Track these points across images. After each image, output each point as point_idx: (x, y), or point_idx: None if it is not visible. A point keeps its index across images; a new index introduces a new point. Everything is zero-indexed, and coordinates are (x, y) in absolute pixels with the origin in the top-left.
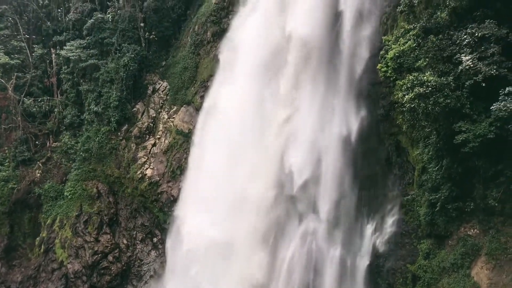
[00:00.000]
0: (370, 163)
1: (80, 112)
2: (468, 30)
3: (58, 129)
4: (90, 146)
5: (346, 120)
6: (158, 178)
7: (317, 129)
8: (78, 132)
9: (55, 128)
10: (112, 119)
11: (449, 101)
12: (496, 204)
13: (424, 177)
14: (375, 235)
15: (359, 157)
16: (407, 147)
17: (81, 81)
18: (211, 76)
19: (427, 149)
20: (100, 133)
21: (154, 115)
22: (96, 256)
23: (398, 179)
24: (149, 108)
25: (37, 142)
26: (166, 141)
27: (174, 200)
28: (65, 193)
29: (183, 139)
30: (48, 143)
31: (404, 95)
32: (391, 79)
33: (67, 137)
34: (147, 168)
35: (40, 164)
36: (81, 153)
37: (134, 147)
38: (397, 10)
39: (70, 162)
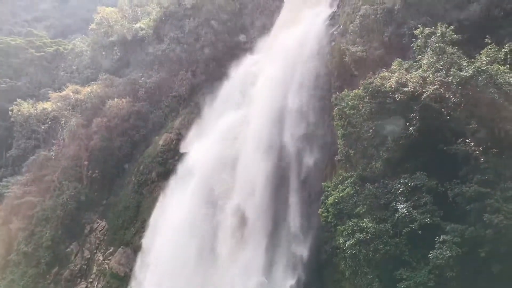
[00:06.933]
0: None
1: (7, 253)
2: (402, 180)
3: None
4: None
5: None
6: None
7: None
8: (2, 275)
9: None
10: (42, 261)
11: (388, 248)
12: None
13: None
14: None
15: None
16: None
17: (14, 218)
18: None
19: None
20: (27, 276)
21: (89, 256)
22: None
23: None
24: (84, 248)
25: None
26: (99, 286)
27: None
28: None
29: (118, 283)
30: None
31: (345, 241)
32: (332, 224)
33: None
34: None
35: None
36: None
37: None
38: (335, 159)
39: None
